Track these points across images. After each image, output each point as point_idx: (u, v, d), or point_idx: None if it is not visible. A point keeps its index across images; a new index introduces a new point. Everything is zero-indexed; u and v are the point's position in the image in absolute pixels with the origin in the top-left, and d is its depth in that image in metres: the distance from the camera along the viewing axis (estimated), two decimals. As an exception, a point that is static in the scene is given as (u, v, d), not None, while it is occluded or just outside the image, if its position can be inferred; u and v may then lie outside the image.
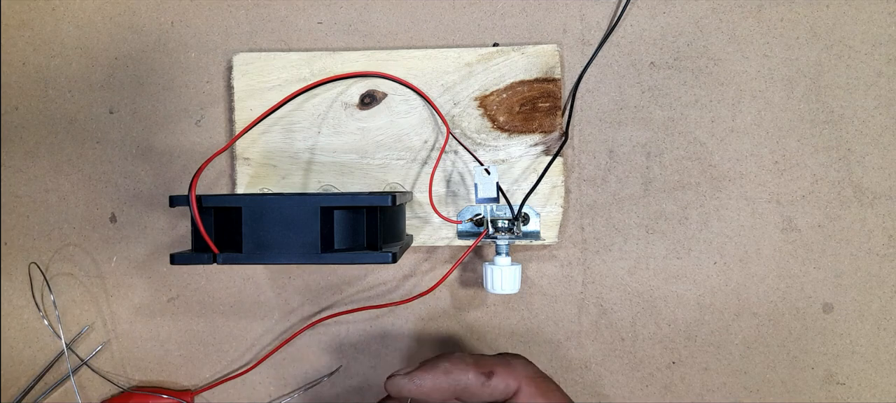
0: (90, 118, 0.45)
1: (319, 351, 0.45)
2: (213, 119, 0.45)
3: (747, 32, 0.44)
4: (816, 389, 0.43)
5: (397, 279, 0.44)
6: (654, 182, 0.44)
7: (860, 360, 0.43)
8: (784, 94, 0.43)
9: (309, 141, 0.43)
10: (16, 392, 0.45)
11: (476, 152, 0.43)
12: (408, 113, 0.43)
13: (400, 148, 0.43)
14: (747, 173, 0.43)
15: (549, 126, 0.43)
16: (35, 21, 0.45)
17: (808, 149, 0.43)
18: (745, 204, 0.43)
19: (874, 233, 0.43)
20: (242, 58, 0.44)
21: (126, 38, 0.45)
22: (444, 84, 0.43)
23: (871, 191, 0.43)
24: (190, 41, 0.45)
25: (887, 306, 0.43)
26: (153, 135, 0.45)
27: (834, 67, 0.43)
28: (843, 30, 0.43)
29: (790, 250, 0.43)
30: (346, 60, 0.43)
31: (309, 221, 0.34)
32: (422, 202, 0.43)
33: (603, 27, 0.44)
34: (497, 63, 0.43)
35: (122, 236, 0.45)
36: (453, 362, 0.34)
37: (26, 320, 0.45)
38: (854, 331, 0.43)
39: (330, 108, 0.43)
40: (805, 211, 0.43)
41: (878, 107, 0.43)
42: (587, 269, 0.44)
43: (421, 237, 0.43)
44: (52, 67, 0.45)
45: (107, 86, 0.45)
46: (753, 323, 0.43)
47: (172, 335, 0.45)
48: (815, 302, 0.43)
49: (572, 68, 0.44)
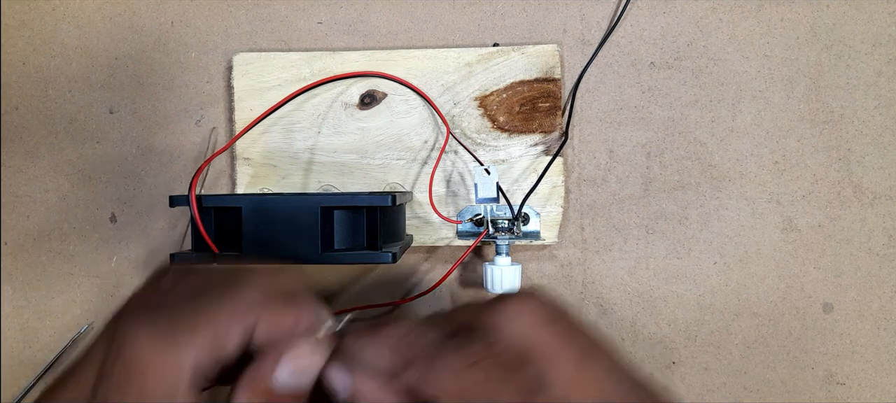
0: (90, 118, 0.45)
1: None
2: (213, 119, 0.45)
3: (747, 32, 0.44)
4: (816, 389, 0.43)
5: (397, 279, 0.44)
6: (654, 182, 0.44)
7: (860, 360, 0.43)
8: (784, 94, 0.43)
9: (309, 141, 0.43)
10: (16, 392, 0.45)
11: (476, 152, 0.43)
12: (408, 113, 0.43)
13: (400, 148, 0.43)
14: (747, 173, 0.43)
15: (549, 126, 0.43)
16: (35, 21, 0.45)
17: (808, 149, 0.43)
18: (745, 205, 0.43)
19: (874, 233, 0.43)
20: (242, 58, 0.44)
21: (126, 38, 0.45)
22: (444, 84, 0.43)
23: (871, 191, 0.43)
24: (190, 41, 0.45)
25: (887, 306, 0.43)
26: (153, 135, 0.45)
27: (834, 67, 0.43)
28: (844, 30, 0.43)
29: (790, 250, 0.43)
30: (346, 60, 0.43)
31: (309, 221, 0.34)
32: (422, 202, 0.43)
33: (603, 27, 0.44)
34: (497, 63, 0.43)
35: (122, 236, 0.45)
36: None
37: (26, 320, 0.45)
38: (854, 331, 0.43)
39: (330, 108, 0.43)
40: (805, 211, 0.43)
41: (879, 107, 0.43)
42: (587, 269, 0.44)
43: (421, 237, 0.43)
44: (53, 67, 0.45)
45: (107, 86, 0.45)
46: (753, 323, 0.43)
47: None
48: (815, 302, 0.43)
49: (572, 68, 0.44)
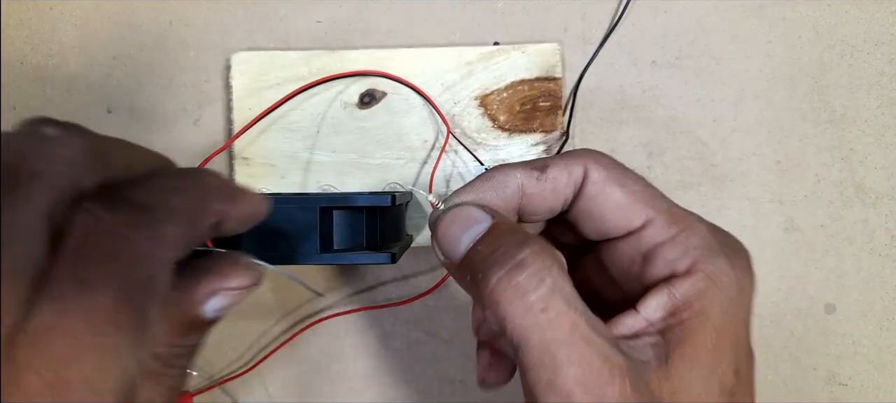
0: (88, 117, 0.45)
1: (319, 352, 0.44)
2: (212, 118, 0.45)
3: (749, 31, 0.43)
4: (818, 390, 0.43)
5: (397, 279, 0.44)
6: (655, 182, 0.43)
7: (863, 361, 0.43)
8: (786, 94, 0.43)
9: (308, 140, 0.43)
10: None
11: (476, 152, 0.42)
12: (408, 112, 0.43)
13: (400, 147, 0.43)
14: (749, 173, 0.43)
15: (549, 125, 0.43)
16: (33, 20, 0.45)
17: (810, 149, 0.43)
18: (747, 204, 0.43)
19: (877, 233, 0.43)
20: (241, 57, 0.43)
21: (124, 37, 0.45)
22: (444, 83, 0.43)
23: (873, 191, 0.43)
24: (188, 40, 0.45)
25: (890, 306, 0.43)
26: (151, 135, 0.45)
27: (836, 67, 0.43)
28: (846, 29, 0.43)
29: (792, 250, 0.43)
30: (346, 59, 0.43)
31: (308, 221, 0.34)
32: (422, 202, 0.43)
33: (604, 26, 0.44)
34: (497, 62, 0.43)
35: (121, 236, 0.45)
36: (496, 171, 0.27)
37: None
38: (856, 332, 0.43)
39: (329, 108, 0.43)
40: (807, 210, 0.43)
41: (881, 106, 0.43)
42: (588, 269, 0.44)
43: (421, 237, 0.43)
44: (50, 66, 0.45)
45: (105, 85, 0.45)
46: (755, 324, 0.43)
47: (171, 335, 0.45)
48: (818, 303, 0.43)
49: (573, 67, 0.44)
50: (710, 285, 0.23)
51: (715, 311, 0.23)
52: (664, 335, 0.23)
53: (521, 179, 0.26)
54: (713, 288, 0.23)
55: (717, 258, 0.23)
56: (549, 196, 0.26)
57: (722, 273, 0.23)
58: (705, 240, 0.23)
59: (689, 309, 0.23)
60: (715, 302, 0.23)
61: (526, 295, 0.21)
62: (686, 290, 0.23)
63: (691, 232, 0.23)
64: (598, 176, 0.25)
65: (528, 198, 0.26)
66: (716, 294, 0.23)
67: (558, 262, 0.23)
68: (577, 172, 0.26)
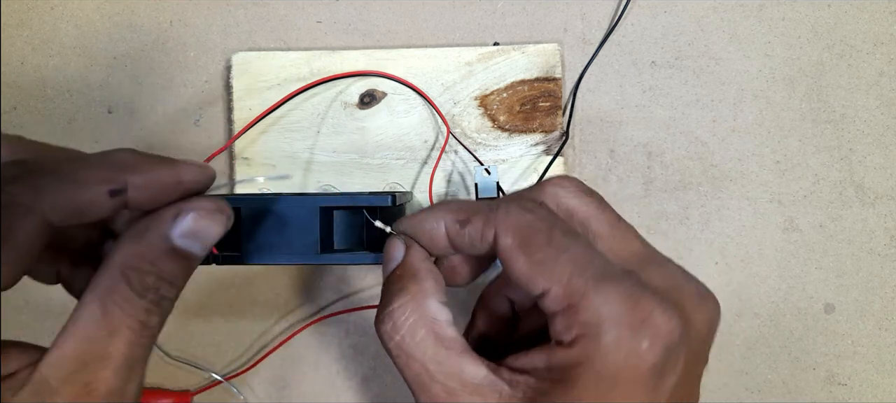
0: (89, 118, 0.45)
1: (319, 351, 0.44)
2: (212, 118, 0.45)
3: (749, 32, 0.43)
4: (818, 390, 0.43)
5: (397, 279, 0.44)
6: (654, 182, 0.43)
7: (862, 361, 0.43)
8: (786, 94, 0.43)
9: (308, 140, 0.43)
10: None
11: (476, 152, 0.42)
12: (408, 112, 0.43)
13: (400, 147, 0.43)
14: (749, 173, 0.43)
15: (549, 125, 0.43)
16: (33, 20, 0.45)
17: (809, 149, 0.43)
18: (746, 204, 0.43)
19: (876, 233, 0.43)
20: (241, 57, 0.43)
21: (125, 37, 0.45)
22: (444, 83, 0.43)
23: (872, 191, 0.43)
24: (189, 40, 0.45)
25: (889, 306, 0.43)
26: (152, 135, 0.45)
27: (835, 67, 0.43)
28: (845, 29, 0.43)
29: (792, 250, 0.43)
30: (346, 59, 0.43)
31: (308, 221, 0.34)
32: (422, 202, 0.43)
33: (604, 26, 0.44)
34: (497, 62, 0.43)
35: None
36: (436, 209, 0.29)
37: (25, 321, 0.45)
38: (856, 332, 0.43)
39: (329, 108, 0.43)
40: (807, 210, 0.43)
41: (880, 106, 0.43)
42: (588, 269, 0.44)
43: (421, 237, 0.43)
44: (51, 67, 0.45)
45: (105, 86, 0.45)
46: (755, 324, 0.43)
47: (171, 335, 0.45)
48: (817, 303, 0.43)
49: (573, 67, 0.44)
50: (584, 360, 0.24)
51: (589, 381, 0.24)
52: (547, 383, 0.25)
53: (447, 225, 0.28)
54: (587, 363, 0.24)
55: (604, 335, 0.24)
56: (470, 244, 0.28)
57: (608, 349, 0.24)
58: (595, 316, 0.24)
59: (565, 375, 0.24)
60: (589, 375, 0.24)
61: (398, 330, 0.26)
62: (561, 359, 0.24)
63: (583, 306, 0.24)
64: (504, 243, 0.26)
65: (454, 240, 0.28)
66: (589, 369, 0.24)
67: (433, 301, 0.27)
68: (489, 235, 0.27)
